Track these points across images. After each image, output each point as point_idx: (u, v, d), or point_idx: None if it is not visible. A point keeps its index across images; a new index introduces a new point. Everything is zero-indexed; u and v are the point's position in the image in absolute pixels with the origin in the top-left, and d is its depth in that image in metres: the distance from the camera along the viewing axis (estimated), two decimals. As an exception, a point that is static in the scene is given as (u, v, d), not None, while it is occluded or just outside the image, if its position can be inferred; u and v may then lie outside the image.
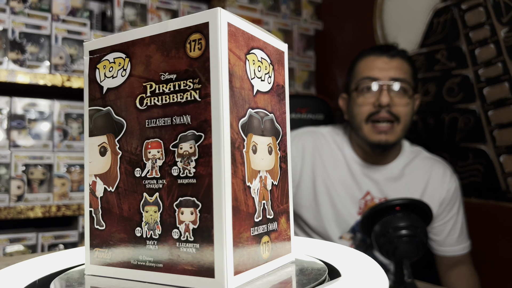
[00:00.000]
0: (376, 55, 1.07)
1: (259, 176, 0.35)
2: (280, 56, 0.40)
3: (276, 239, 0.37)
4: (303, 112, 1.45)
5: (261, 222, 0.35)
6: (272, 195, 0.37)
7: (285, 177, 0.39)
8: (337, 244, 0.46)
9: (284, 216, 0.39)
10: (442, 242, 1.11)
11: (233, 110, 0.33)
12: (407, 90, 1.05)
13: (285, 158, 0.40)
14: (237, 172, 0.33)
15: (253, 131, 0.35)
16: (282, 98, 0.40)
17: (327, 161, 1.14)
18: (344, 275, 0.36)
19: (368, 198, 1.10)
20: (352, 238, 1.09)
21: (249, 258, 0.33)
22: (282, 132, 0.39)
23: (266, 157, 0.37)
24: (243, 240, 0.33)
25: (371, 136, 1.05)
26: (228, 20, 0.33)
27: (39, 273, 0.38)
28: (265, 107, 0.37)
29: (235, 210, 0.32)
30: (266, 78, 0.37)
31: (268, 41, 0.38)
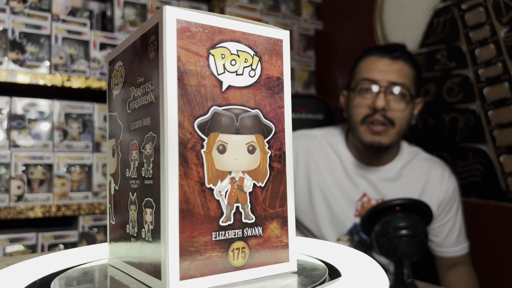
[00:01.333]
0: (379, 56, 1.06)
1: (229, 177, 0.34)
2: (275, 45, 0.37)
3: (260, 245, 0.35)
4: (302, 112, 1.45)
5: (231, 227, 0.34)
6: (253, 198, 0.35)
7: (280, 178, 0.36)
8: (337, 244, 0.46)
9: (277, 221, 0.36)
10: (441, 243, 1.10)
11: (185, 109, 0.32)
12: (405, 95, 1.03)
13: (280, 157, 0.36)
14: (190, 174, 0.32)
15: (220, 129, 0.34)
16: (276, 91, 0.37)
17: (322, 164, 1.13)
18: (344, 275, 0.36)
19: (365, 199, 1.10)
20: (350, 241, 1.09)
21: (209, 264, 0.32)
22: (275, 129, 0.36)
23: (242, 157, 0.35)
24: (198, 244, 0.32)
25: (366, 136, 1.04)
26: (178, 17, 0.32)
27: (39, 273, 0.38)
28: (243, 103, 0.35)
29: (186, 212, 0.31)
30: (246, 71, 0.35)
31: (252, 31, 0.36)
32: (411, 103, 1.05)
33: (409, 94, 1.04)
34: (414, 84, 1.07)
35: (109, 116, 0.42)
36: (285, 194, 0.36)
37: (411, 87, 1.05)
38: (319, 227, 1.11)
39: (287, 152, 0.37)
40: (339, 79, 1.77)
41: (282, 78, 0.37)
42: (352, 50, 1.70)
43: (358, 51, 1.16)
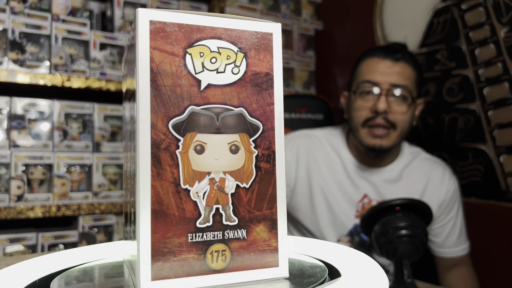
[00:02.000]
0: (380, 58, 1.05)
1: (208, 178, 0.33)
2: (263, 39, 0.35)
3: (244, 249, 0.33)
4: (302, 112, 1.45)
5: (209, 229, 0.33)
6: (236, 199, 0.34)
7: (268, 178, 0.34)
8: (337, 244, 0.46)
9: (264, 224, 0.34)
10: (441, 243, 1.10)
11: (158, 109, 0.32)
12: (406, 97, 1.03)
13: (269, 157, 0.34)
14: (164, 174, 0.32)
15: (197, 129, 0.33)
16: (265, 87, 0.35)
17: (323, 164, 1.13)
18: (344, 275, 0.36)
19: (365, 200, 1.09)
20: (350, 242, 1.09)
21: (184, 265, 0.32)
22: (263, 127, 0.34)
23: (224, 157, 0.34)
24: (172, 245, 0.32)
25: (367, 139, 1.04)
26: (152, 18, 0.32)
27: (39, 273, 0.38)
28: (225, 101, 0.34)
29: (158, 214, 0.31)
30: (228, 69, 0.34)
31: (236, 27, 0.34)
32: (412, 105, 1.04)
33: (411, 96, 1.03)
34: (416, 85, 1.06)
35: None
36: (274, 196, 0.34)
37: (413, 89, 1.04)
38: (319, 228, 1.11)
39: (277, 152, 0.35)
40: (339, 79, 1.77)
41: (271, 73, 0.35)
42: (352, 50, 1.70)
43: (358, 51, 1.16)
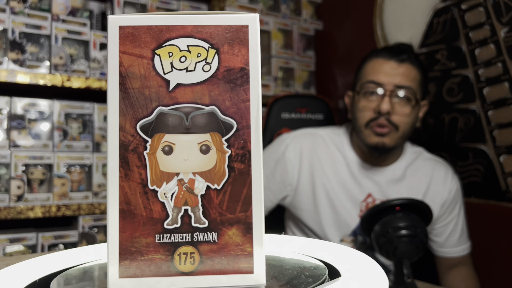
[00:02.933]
0: (385, 58, 1.04)
1: (176, 179, 0.33)
2: (237, 33, 0.33)
3: (214, 252, 0.32)
4: (302, 112, 1.45)
5: (177, 230, 0.33)
6: (207, 201, 0.33)
7: (243, 180, 0.33)
8: (337, 244, 0.46)
9: (237, 227, 0.33)
10: (443, 243, 1.10)
11: (126, 112, 0.32)
12: (410, 99, 1.02)
13: (244, 157, 0.33)
14: (131, 175, 0.32)
15: (165, 130, 0.33)
16: (240, 83, 0.33)
17: (326, 163, 1.13)
18: (344, 275, 0.36)
19: (369, 200, 1.09)
20: (353, 241, 1.09)
21: (151, 265, 0.32)
22: (238, 125, 0.33)
23: (193, 158, 0.33)
24: (139, 245, 0.32)
25: (370, 138, 1.04)
26: (121, 24, 0.33)
27: (39, 273, 0.38)
28: (195, 100, 0.33)
29: (126, 213, 0.32)
30: (198, 66, 0.33)
31: (208, 23, 0.33)
32: (416, 107, 1.04)
33: (415, 98, 1.03)
34: (420, 87, 1.05)
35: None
36: (250, 198, 0.32)
37: (417, 91, 1.04)
38: (322, 227, 1.11)
39: (253, 151, 0.33)
40: (339, 79, 1.77)
41: (247, 68, 0.33)
42: (352, 50, 1.70)
43: (358, 51, 1.16)
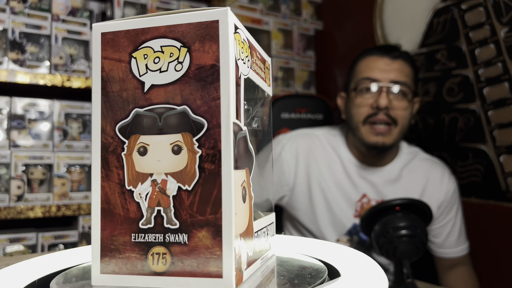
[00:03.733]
0: (378, 56, 1.06)
1: (150, 179, 0.33)
2: (208, 29, 0.32)
3: (184, 254, 0.32)
4: (302, 112, 1.45)
5: (151, 230, 0.33)
6: (178, 202, 0.32)
7: (213, 181, 0.31)
8: (337, 244, 0.46)
9: (207, 230, 0.32)
10: (441, 244, 1.10)
11: (107, 115, 0.34)
12: (406, 93, 1.03)
13: (214, 157, 0.32)
14: (111, 176, 0.33)
15: (141, 131, 0.33)
16: (210, 81, 0.32)
17: (322, 163, 1.13)
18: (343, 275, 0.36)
19: (364, 200, 1.09)
20: (349, 241, 1.09)
21: (127, 263, 0.33)
22: (208, 125, 0.32)
23: (166, 158, 0.33)
24: (117, 243, 0.33)
25: (368, 137, 1.04)
26: (103, 30, 0.34)
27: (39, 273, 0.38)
28: (168, 100, 0.33)
29: (106, 212, 0.33)
30: (171, 66, 0.33)
31: (180, 21, 0.33)
32: (412, 101, 1.05)
33: (411, 92, 1.04)
34: (413, 83, 1.07)
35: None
36: (219, 200, 0.31)
37: (412, 86, 1.05)
38: (319, 227, 1.11)
39: (223, 151, 0.31)
40: (339, 79, 1.77)
41: (217, 65, 0.32)
42: (352, 50, 1.70)
43: (358, 51, 1.16)
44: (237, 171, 0.32)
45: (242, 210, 0.33)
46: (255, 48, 0.38)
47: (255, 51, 0.38)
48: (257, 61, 0.38)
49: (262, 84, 0.41)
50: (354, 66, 1.11)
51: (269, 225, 0.41)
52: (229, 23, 0.32)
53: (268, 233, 0.41)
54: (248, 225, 0.34)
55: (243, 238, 0.33)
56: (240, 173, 0.33)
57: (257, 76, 0.39)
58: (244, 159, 0.34)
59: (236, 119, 0.32)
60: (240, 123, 0.33)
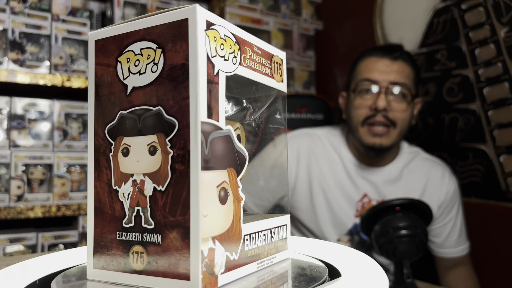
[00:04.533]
0: (378, 57, 1.05)
1: (131, 179, 0.34)
2: (179, 28, 0.32)
3: (158, 254, 0.32)
4: (302, 112, 1.45)
5: (132, 229, 0.33)
6: (153, 203, 0.32)
7: (183, 182, 0.31)
8: (337, 244, 0.46)
9: (177, 231, 0.31)
10: (442, 244, 1.10)
11: (99, 118, 0.35)
12: (406, 95, 1.03)
13: (184, 158, 0.31)
14: (101, 176, 0.35)
15: (124, 133, 0.34)
16: (181, 80, 0.31)
17: (323, 163, 1.13)
18: (344, 275, 0.36)
19: (365, 200, 1.09)
20: (350, 241, 1.09)
21: (113, 260, 0.34)
22: (179, 125, 0.31)
23: (144, 159, 0.33)
24: (106, 240, 0.34)
25: (366, 138, 1.04)
26: (96, 38, 0.36)
27: (39, 273, 0.38)
28: (146, 102, 0.33)
29: (98, 210, 0.35)
30: (148, 68, 0.33)
31: (156, 23, 0.33)
32: (412, 103, 1.05)
33: (410, 94, 1.03)
34: (414, 84, 1.06)
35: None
36: (188, 201, 0.31)
37: (412, 87, 1.05)
38: (319, 227, 1.11)
39: (192, 152, 0.31)
40: (339, 79, 1.77)
41: (187, 63, 0.31)
42: (352, 50, 1.70)
43: (358, 51, 1.16)
44: (211, 172, 0.31)
45: (219, 212, 0.32)
46: (250, 43, 0.37)
47: (249, 46, 0.37)
48: (254, 56, 0.37)
49: (264, 80, 0.39)
50: (354, 66, 1.11)
51: (277, 227, 0.40)
52: (197, 20, 0.31)
53: (275, 236, 0.40)
54: (231, 227, 0.33)
55: (219, 241, 0.32)
56: (215, 174, 0.32)
57: (253, 72, 0.37)
58: (224, 159, 0.33)
59: (209, 118, 0.31)
60: (216, 122, 0.32)
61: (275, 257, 0.39)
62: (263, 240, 0.38)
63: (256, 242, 0.37)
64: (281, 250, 0.40)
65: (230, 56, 0.34)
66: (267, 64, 0.40)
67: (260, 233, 0.37)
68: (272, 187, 1.14)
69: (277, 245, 0.40)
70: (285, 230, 0.41)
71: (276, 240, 0.40)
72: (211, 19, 0.32)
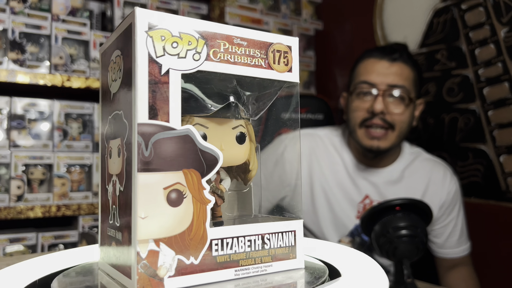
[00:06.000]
0: (377, 58, 1.04)
1: (112, 180, 0.36)
2: (129, 34, 0.33)
3: (120, 251, 0.34)
4: (302, 112, 1.45)
5: (111, 226, 0.36)
6: (119, 203, 0.34)
7: (129, 183, 0.32)
8: (338, 244, 0.46)
9: (127, 232, 0.32)
10: (442, 244, 1.10)
11: (103, 123, 0.39)
12: (404, 98, 1.02)
13: (129, 159, 0.32)
14: (103, 176, 0.38)
15: (110, 136, 0.37)
16: (130, 84, 0.32)
17: (325, 164, 1.13)
18: (344, 275, 0.36)
19: (367, 201, 1.09)
20: (351, 242, 1.09)
21: (107, 252, 0.38)
22: (128, 128, 0.32)
23: (116, 160, 0.35)
24: (104, 235, 0.38)
25: (364, 140, 1.03)
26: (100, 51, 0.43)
27: (39, 273, 0.38)
28: (118, 106, 0.35)
29: (103, 207, 0.39)
30: (117, 76, 0.35)
31: (120, 31, 0.35)
32: (410, 105, 1.04)
33: (408, 97, 1.02)
34: (414, 86, 1.05)
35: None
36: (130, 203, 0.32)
37: (411, 89, 1.04)
38: (321, 228, 1.11)
39: (133, 153, 0.31)
40: (339, 79, 1.77)
41: (134, 65, 0.32)
42: (352, 50, 1.70)
43: (358, 51, 1.16)
44: (154, 174, 0.31)
45: (167, 214, 0.32)
46: (228, 35, 0.35)
47: (225, 39, 0.35)
48: (234, 48, 0.35)
49: (254, 73, 0.36)
50: (354, 67, 1.10)
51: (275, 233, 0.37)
52: (136, 24, 0.31)
53: (269, 242, 0.36)
54: (187, 230, 0.32)
55: (167, 244, 0.32)
56: (161, 176, 0.31)
57: (232, 66, 0.35)
58: (176, 160, 0.32)
59: (152, 120, 0.31)
60: (164, 123, 0.32)
61: (270, 265, 0.36)
62: (247, 246, 0.35)
63: (233, 248, 0.35)
64: (283, 258, 0.37)
65: (189, 53, 0.33)
66: (260, 55, 0.37)
67: (242, 238, 0.35)
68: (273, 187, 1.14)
69: (275, 253, 0.37)
70: (291, 237, 0.38)
71: (272, 247, 0.37)
72: (157, 19, 0.32)
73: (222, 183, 0.39)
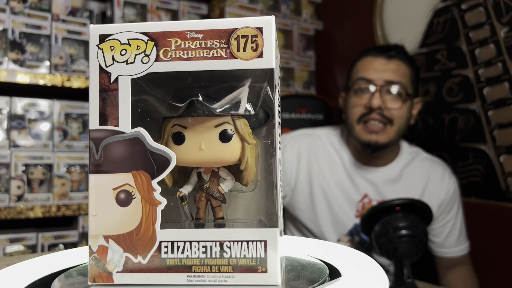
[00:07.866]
0: (374, 56, 1.06)
1: None
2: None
3: None
4: (302, 112, 1.45)
5: None
6: None
7: None
8: (337, 244, 0.46)
9: None
10: (441, 243, 1.10)
11: None
12: (401, 93, 1.03)
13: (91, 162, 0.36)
14: None
15: None
16: None
17: (324, 163, 1.13)
18: (344, 275, 0.36)
19: (366, 200, 1.09)
20: (350, 241, 1.09)
21: None
22: None
23: None
24: None
25: (362, 135, 1.04)
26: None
27: (39, 273, 0.38)
28: None
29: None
30: None
31: None
32: (407, 101, 1.05)
33: (406, 92, 1.04)
34: (411, 82, 1.06)
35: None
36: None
37: (408, 86, 1.05)
38: (319, 227, 1.11)
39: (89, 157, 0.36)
40: (339, 79, 1.77)
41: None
42: (352, 50, 1.70)
43: (358, 51, 1.16)
44: (104, 175, 0.34)
45: (116, 213, 0.33)
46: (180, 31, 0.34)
47: (176, 35, 0.34)
48: (188, 44, 0.34)
49: (211, 65, 0.34)
50: (352, 66, 1.12)
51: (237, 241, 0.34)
52: (90, 39, 0.35)
53: (229, 251, 0.34)
54: (136, 230, 0.33)
55: (115, 241, 0.33)
56: (110, 177, 0.34)
57: (186, 62, 0.34)
58: (125, 162, 0.33)
59: (103, 125, 0.34)
60: (114, 128, 0.34)
61: (231, 276, 0.33)
62: (201, 252, 0.34)
63: (185, 252, 0.34)
64: (248, 271, 0.33)
65: (137, 57, 0.34)
66: (219, 45, 0.34)
67: (196, 243, 0.34)
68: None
69: (237, 263, 0.33)
70: (260, 247, 0.33)
71: (234, 257, 0.33)
72: (107, 31, 0.35)
73: (223, 184, 0.38)
